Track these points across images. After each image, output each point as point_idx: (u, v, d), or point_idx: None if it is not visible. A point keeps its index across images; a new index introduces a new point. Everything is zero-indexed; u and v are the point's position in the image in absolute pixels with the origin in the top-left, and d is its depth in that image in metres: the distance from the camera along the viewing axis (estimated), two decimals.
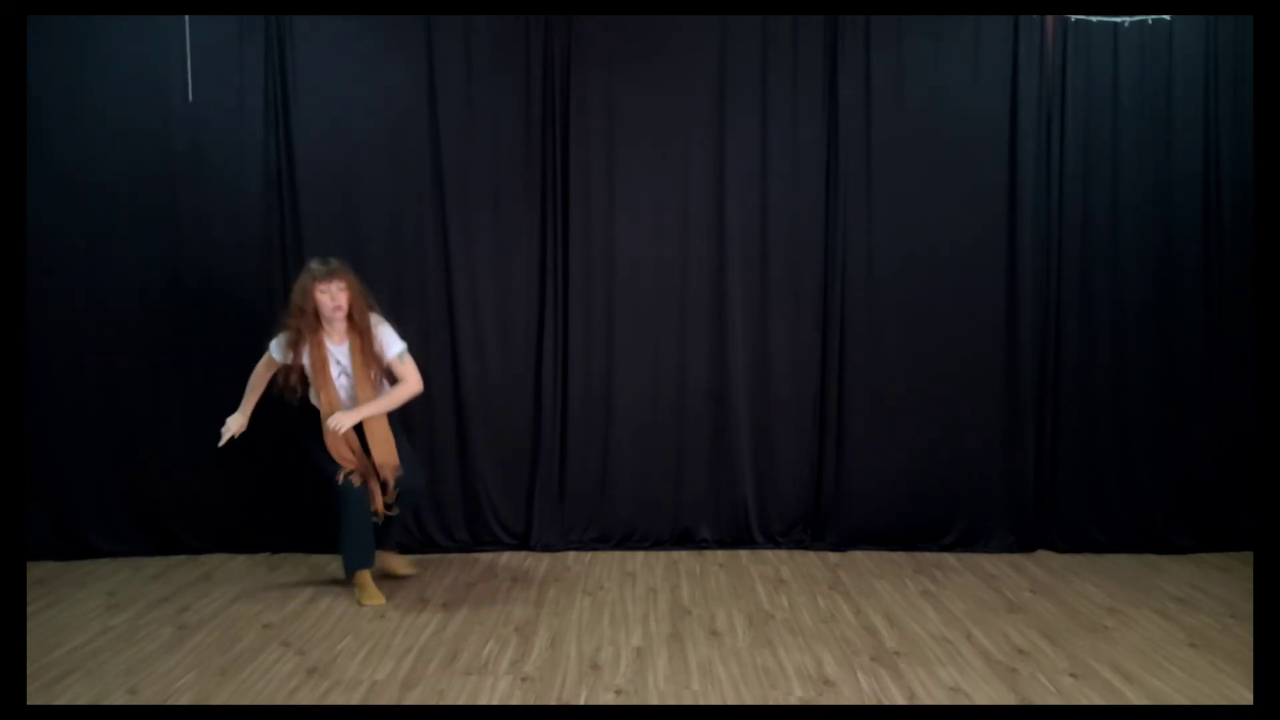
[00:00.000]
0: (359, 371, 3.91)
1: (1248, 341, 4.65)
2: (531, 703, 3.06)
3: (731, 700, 3.08)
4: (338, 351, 3.93)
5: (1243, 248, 4.64)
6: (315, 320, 3.87)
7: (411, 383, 3.99)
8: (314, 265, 3.90)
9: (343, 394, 3.94)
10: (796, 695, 3.12)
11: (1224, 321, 4.69)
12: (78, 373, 4.50)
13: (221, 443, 4.01)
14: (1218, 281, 4.68)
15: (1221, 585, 4.25)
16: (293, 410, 4.06)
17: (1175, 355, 4.69)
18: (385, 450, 3.92)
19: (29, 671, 3.27)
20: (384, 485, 3.94)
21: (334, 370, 3.91)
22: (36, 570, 4.38)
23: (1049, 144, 4.62)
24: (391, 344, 3.96)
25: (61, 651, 3.47)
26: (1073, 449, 4.71)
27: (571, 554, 4.68)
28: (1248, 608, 3.95)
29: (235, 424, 4.01)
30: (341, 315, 3.87)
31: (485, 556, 4.63)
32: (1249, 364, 4.65)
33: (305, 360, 3.91)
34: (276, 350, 3.93)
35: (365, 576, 4.01)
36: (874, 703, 3.07)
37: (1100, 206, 4.64)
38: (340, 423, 3.80)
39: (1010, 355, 4.67)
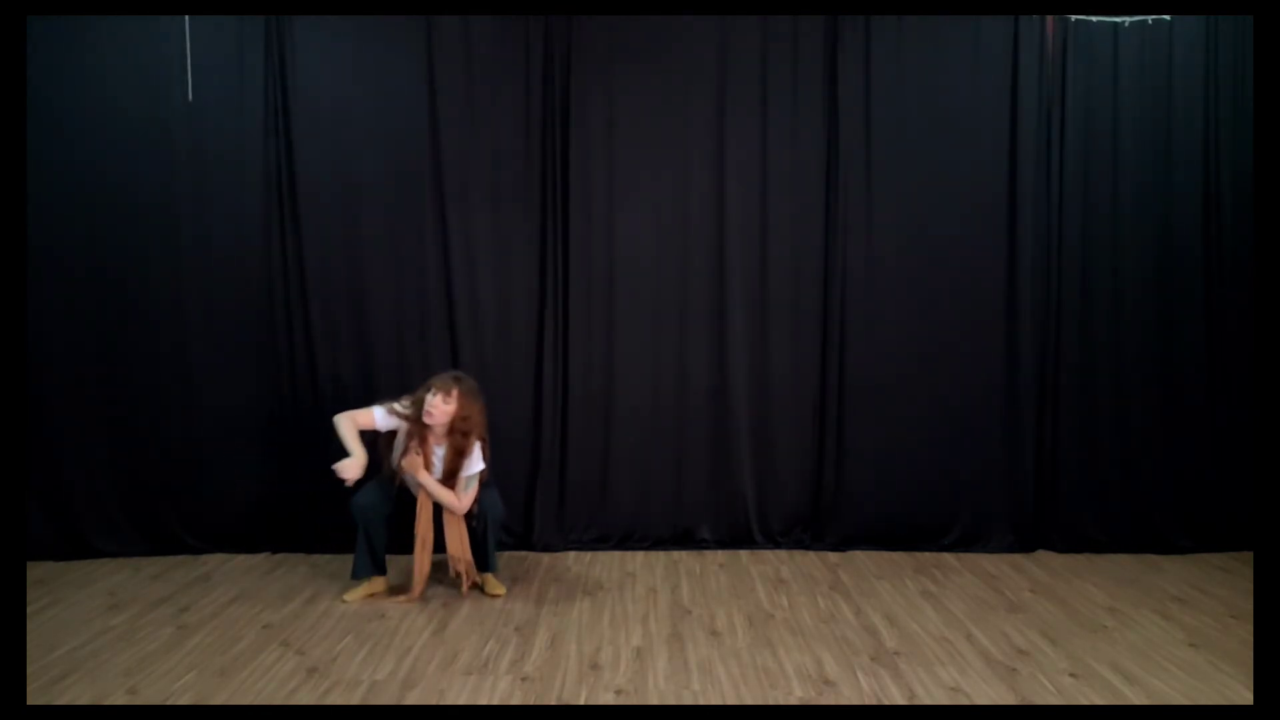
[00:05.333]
0: (445, 478, 3.94)
1: (1248, 342, 4.65)
2: (531, 703, 3.06)
3: (731, 700, 3.08)
4: (439, 451, 3.95)
5: (1243, 247, 4.64)
6: (420, 423, 3.89)
7: (456, 502, 3.94)
8: (444, 376, 3.93)
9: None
10: (796, 695, 3.12)
11: (1224, 322, 4.69)
12: (78, 373, 4.50)
13: (349, 483, 3.86)
14: (1218, 282, 4.68)
15: (1221, 585, 4.26)
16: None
17: (1175, 355, 4.69)
18: (458, 545, 3.97)
19: (29, 671, 3.27)
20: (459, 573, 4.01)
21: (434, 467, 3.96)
22: (36, 570, 4.38)
23: (1049, 144, 4.63)
24: (468, 468, 3.94)
25: (61, 651, 3.47)
26: (1073, 449, 4.71)
27: (571, 554, 4.68)
28: (1248, 608, 3.95)
29: (355, 468, 3.82)
30: (436, 423, 3.86)
31: None
32: (1249, 364, 4.65)
33: (401, 445, 3.96)
34: (381, 416, 3.92)
35: (363, 585, 4.06)
36: (874, 703, 3.07)
37: (1100, 206, 4.64)
38: (416, 468, 3.89)
39: (1010, 355, 4.67)
